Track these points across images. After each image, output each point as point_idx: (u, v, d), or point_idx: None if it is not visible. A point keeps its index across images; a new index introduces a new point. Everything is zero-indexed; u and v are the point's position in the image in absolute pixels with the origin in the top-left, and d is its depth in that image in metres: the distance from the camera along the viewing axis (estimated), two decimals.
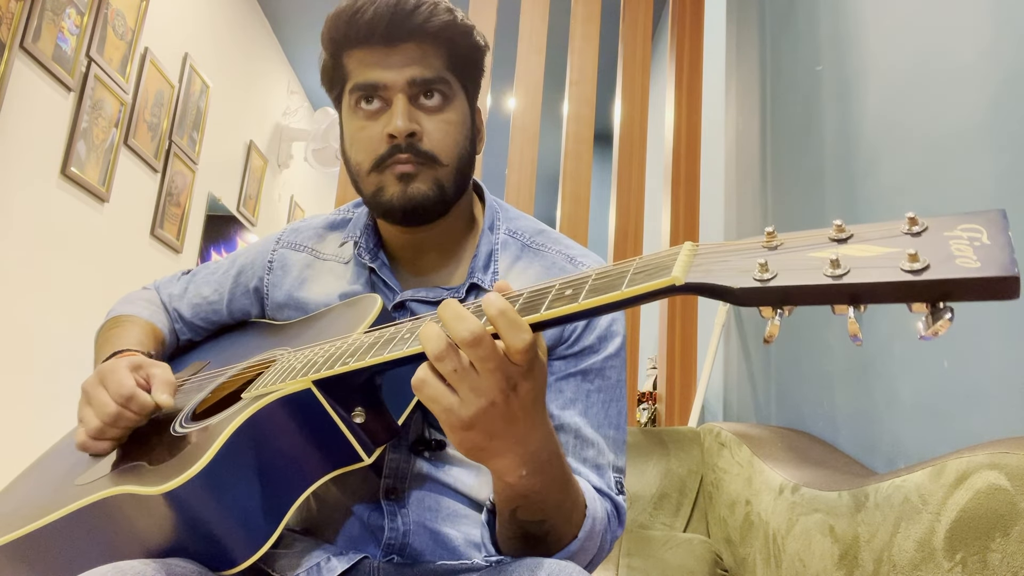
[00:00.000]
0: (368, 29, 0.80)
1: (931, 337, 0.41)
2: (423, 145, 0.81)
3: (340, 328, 0.79)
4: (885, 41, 1.45)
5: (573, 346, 0.84)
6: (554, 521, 0.69)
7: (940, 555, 0.81)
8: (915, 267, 0.40)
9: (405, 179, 0.81)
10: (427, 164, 0.81)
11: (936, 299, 0.40)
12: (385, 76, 0.81)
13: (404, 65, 0.81)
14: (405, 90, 0.81)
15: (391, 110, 0.81)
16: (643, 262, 0.52)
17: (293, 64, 4.77)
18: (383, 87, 0.81)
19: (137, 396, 0.77)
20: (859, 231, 0.44)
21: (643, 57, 2.57)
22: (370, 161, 0.82)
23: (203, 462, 0.64)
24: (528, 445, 0.61)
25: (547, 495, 0.66)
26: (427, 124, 0.82)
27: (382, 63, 0.81)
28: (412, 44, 0.81)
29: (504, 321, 0.54)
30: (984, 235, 0.40)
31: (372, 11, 0.79)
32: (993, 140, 1.09)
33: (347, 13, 0.81)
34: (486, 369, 0.55)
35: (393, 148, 0.80)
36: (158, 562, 0.64)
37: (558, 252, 0.91)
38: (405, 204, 0.81)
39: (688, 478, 1.78)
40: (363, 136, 0.83)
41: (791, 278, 0.43)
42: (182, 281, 1.06)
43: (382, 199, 0.82)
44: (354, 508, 0.82)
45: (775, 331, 0.45)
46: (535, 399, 0.59)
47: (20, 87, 2.28)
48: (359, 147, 0.83)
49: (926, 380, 1.21)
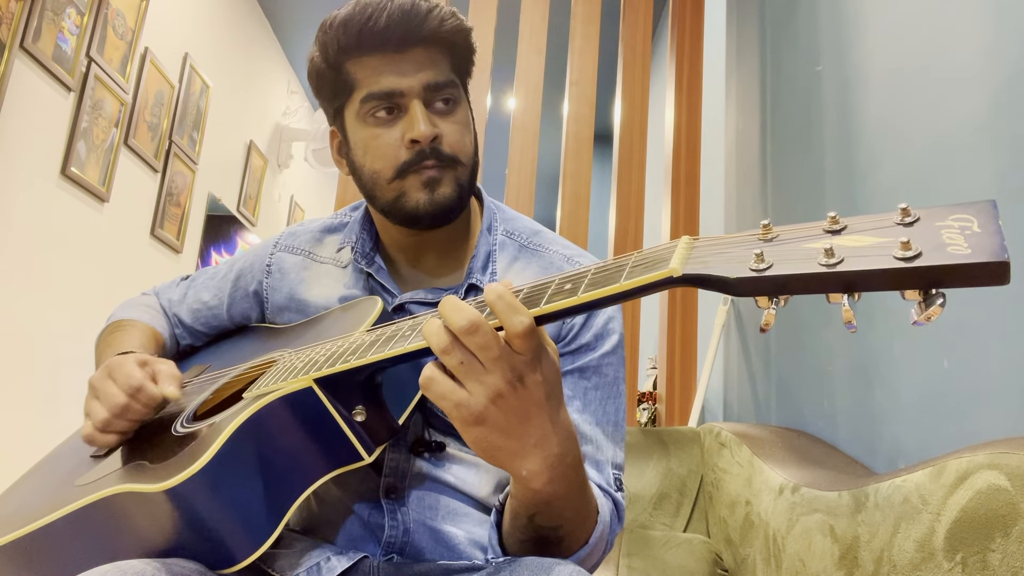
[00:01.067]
0: (382, 37, 0.80)
1: (924, 323, 0.41)
2: (445, 148, 0.81)
3: (341, 330, 0.79)
4: (885, 41, 1.45)
5: (570, 344, 0.85)
6: (570, 527, 0.69)
7: (940, 555, 0.81)
8: (907, 255, 0.40)
9: (431, 184, 0.81)
10: (450, 167, 0.82)
11: (928, 285, 0.41)
12: (401, 83, 0.81)
13: (417, 70, 0.81)
14: (421, 95, 0.81)
15: (408, 116, 0.81)
16: (641, 255, 0.52)
17: (293, 64, 4.77)
18: (399, 94, 0.81)
19: (146, 387, 0.78)
20: (853, 223, 0.45)
21: (643, 57, 2.57)
22: (392, 168, 0.82)
23: (204, 460, 0.64)
24: (549, 447, 0.60)
25: (568, 502, 0.66)
26: (444, 127, 0.82)
27: (396, 70, 0.81)
28: (421, 49, 0.82)
29: (502, 304, 0.55)
30: (975, 224, 0.41)
31: (385, 18, 0.79)
32: (993, 140, 1.09)
33: (357, 21, 0.80)
34: (489, 358, 0.55)
35: (419, 154, 0.80)
36: (159, 561, 0.64)
37: (555, 252, 0.91)
38: (434, 210, 0.82)
39: (688, 478, 1.78)
40: (380, 144, 0.82)
41: (786, 267, 0.43)
42: (181, 287, 1.06)
43: (406, 205, 0.82)
44: (354, 507, 0.82)
45: (771, 320, 0.46)
46: (548, 395, 0.59)
47: (20, 87, 2.28)
48: (376, 155, 0.82)
49: (926, 380, 1.21)
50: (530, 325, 0.55)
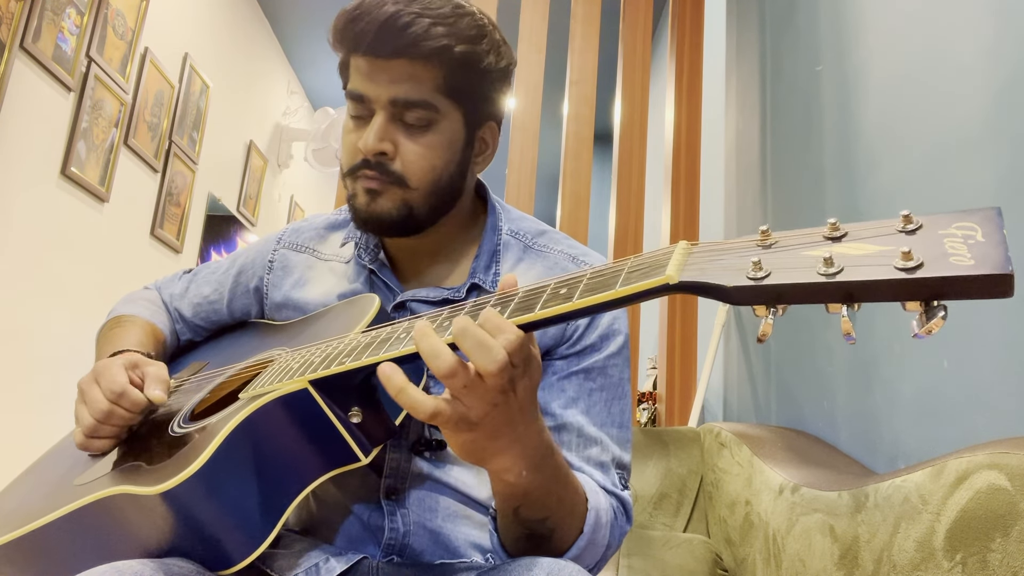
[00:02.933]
0: (358, 39, 0.79)
1: (924, 336, 0.40)
2: (393, 165, 0.81)
3: (338, 328, 0.79)
4: (885, 41, 1.45)
5: (575, 345, 0.84)
6: (557, 517, 0.69)
7: (940, 555, 0.81)
8: (909, 265, 0.39)
9: (371, 193, 0.82)
10: (395, 184, 0.81)
11: (929, 297, 0.40)
12: (370, 89, 0.80)
13: (391, 82, 0.79)
14: (386, 107, 0.80)
15: (370, 123, 0.81)
16: (638, 261, 0.52)
17: (293, 64, 4.76)
18: (368, 100, 0.81)
19: (128, 392, 0.77)
20: (853, 229, 0.44)
21: (643, 57, 2.57)
22: (347, 166, 0.84)
23: (200, 462, 0.64)
24: (525, 442, 0.62)
25: (548, 490, 0.67)
26: (405, 145, 0.81)
27: (371, 76, 0.80)
28: (404, 61, 0.79)
29: (471, 342, 0.55)
30: (979, 233, 0.40)
31: (365, 22, 0.78)
32: (994, 140, 1.09)
33: (345, 17, 0.80)
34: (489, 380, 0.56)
35: (363, 162, 0.81)
36: (156, 562, 0.64)
37: (560, 252, 0.91)
38: (367, 217, 0.82)
39: (688, 478, 1.78)
40: (347, 140, 0.84)
41: (784, 276, 0.43)
42: (183, 281, 1.06)
43: (353, 204, 0.84)
44: (354, 508, 0.82)
45: (768, 330, 0.45)
46: (531, 396, 0.60)
47: (20, 87, 2.28)
48: (344, 148, 0.85)
49: (926, 380, 1.21)
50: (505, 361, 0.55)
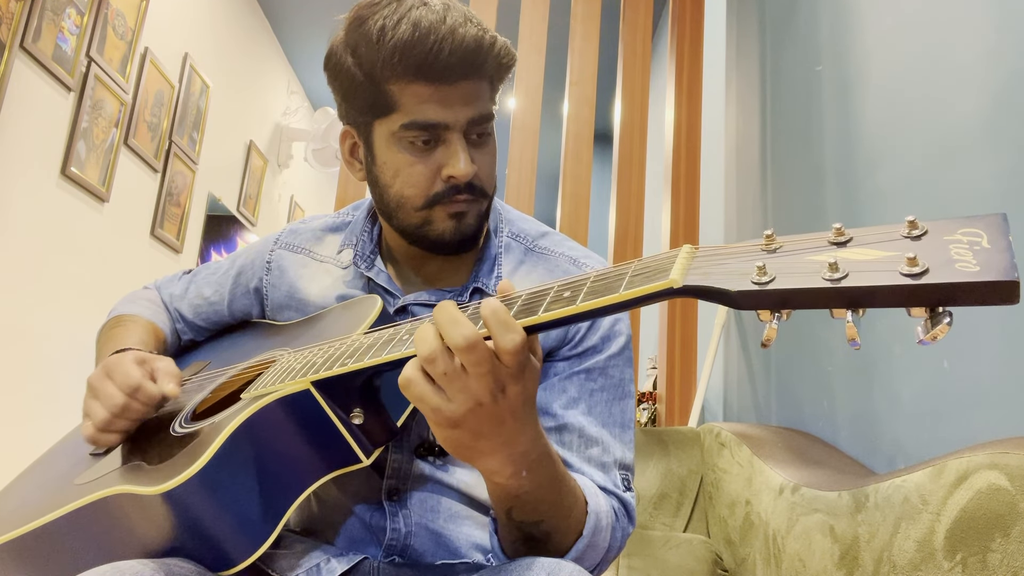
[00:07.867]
0: (441, 68, 0.75)
1: (930, 342, 0.40)
2: (477, 182, 0.81)
3: (340, 329, 0.79)
4: (885, 41, 1.45)
5: (577, 347, 0.84)
6: (553, 521, 0.69)
7: (940, 555, 0.81)
8: (914, 271, 0.39)
9: (458, 216, 0.81)
10: (477, 199, 0.82)
11: (935, 303, 0.39)
12: (446, 116, 0.77)
13: (464, 104, 0.78)
14: (463, 129, 0.79)
15: (447, 149, 0.79)
16: (641, 264, 0.52)
17: (293, 64, 4.76)
18: (444, 127, 0.78)
19: (144, 386, 0.78)
20: (859, 234, 0.44)
21: (643, 57, 2.57)
22: (423, 198, 0.80)
23: (201, 462, 0.64)
24: (516, 446, 0.61)
25: (541, 495, 0.66)
26: (479, 161, 0.81)
27: (443, 101, 0.77)
28: (471, 82, 0.78)
29: (495, 321, 0.55)
30: (984, 239, 0.40)
31: (449, 51, 0.74)
32: (994, 141, 1.09)
33: (419, 49, 0.74)
34: (477, 373, 0.55)
35: (453, 188, 0.80)
36: (157, 562, 0.64)
37: (561, 255, 0.90)
38: (459, 240, 0.82)
39: (688, 478, 1.78)
40: (414, 172, 0.80)
41: (789, 281, 0.42)
42: (183, 281, 1.06)
43: (430, 234, 0.82)
44: (355, 509, 0.82)
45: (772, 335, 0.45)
46: (524, 402, 0.59)
47: (20, 87, 2.28)
48: (408, 182, 0.80)
49: (926, 381, 1.21)
50: (521, 343, 0.55)
